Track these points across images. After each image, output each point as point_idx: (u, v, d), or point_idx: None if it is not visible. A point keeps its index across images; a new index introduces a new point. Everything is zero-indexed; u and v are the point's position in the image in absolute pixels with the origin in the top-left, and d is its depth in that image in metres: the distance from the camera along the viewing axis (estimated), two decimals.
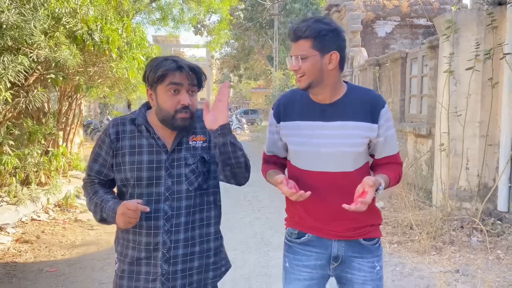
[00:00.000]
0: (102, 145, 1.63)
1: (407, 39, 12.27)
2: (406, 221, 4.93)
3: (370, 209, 1.72)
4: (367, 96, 1.69)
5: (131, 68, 5.60)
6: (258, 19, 24.99)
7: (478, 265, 3.90)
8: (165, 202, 1.58)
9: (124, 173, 1.58)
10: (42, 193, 5.65)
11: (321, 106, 1.67)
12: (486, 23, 4.83)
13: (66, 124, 7.19)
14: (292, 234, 1.80)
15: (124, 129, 1.61)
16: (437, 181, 5.37)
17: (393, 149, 1.74)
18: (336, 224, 1.69)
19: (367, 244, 1.73)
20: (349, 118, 1.64)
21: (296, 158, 1.74)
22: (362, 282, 1.71)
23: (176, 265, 1.59)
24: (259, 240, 4.79)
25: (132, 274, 1.61)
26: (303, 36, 1.57)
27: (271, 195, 7.04)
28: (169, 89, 1.52)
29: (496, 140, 4.95)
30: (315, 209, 1.69)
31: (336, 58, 1.60)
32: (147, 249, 1.58)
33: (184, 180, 1.59)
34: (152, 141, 1.59)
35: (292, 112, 1.72)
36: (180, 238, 1.59)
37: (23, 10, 3.72)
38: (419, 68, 7.11)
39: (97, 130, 16.39)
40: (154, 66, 1.54)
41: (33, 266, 3.99)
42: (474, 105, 5.00)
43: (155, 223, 1.57)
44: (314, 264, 1.74)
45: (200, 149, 1.63)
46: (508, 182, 4.79)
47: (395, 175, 1.71)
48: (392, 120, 1.76)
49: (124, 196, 1.63)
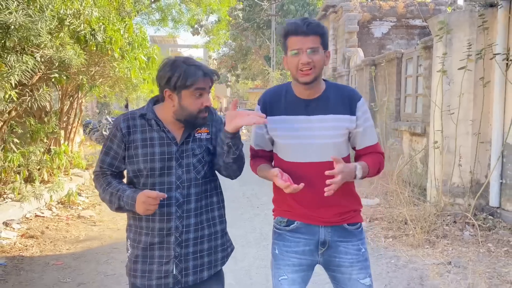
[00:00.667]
0: (113, 139, 1.74)
1: (403, 39, 12.43)
2: (401, 216, 5.08)
3: (352, 195, 1.89)
4: (344, 91, 1.85)
5: (133, 68, 5.73)
6: (256, 20, 25.13)
7: (470, 257, 4.05)
8: (176, 190, 1.71)
9: (137, 165, 1.71)
10: (45, 190, 5.77)
11: (305, 101, 1.81)
12: (478, 24, 4.99)
13: (68, 123, 7.30)
14: (281, 222, 1.91)
15: (135, 124, 1.73)
16: (431, 178, 5.52)
17: (373, 139, 1.88)
18: (323, 211, 1.82)
19: (351, 229, 1.87)
20: (329, 111, 1.79)
21: (283, 151, 1.86)
22: (350, 265, 1.84)
23: (188, 248, 1.72)
24: (258, 235, 4.93)
25: (146, 258, 1.73)
26: (314, 32, 1.71)
27: (269, 192, 7.14)
28: (195, 94, 1.66)
29: (488, 137, 5.10)
30: (304, 198, 1.81)
31: (329, 56, 1.78)
32: (160, 234, 1.71)
33: (192, 169, 1.73)
34: (162, 134, 1.72)
35: (278, 107, 1.84)
36: (191, 223, 1.73)
37: (30, 11, 3.84)
38: (414, 68, 7.27)
39: (95, 130, 16.45)
40: (181, 72, 1.64)
41: (40, 259, 4.11)
42: (467, 103, 5.15)
43: (168, 210, 1.70)
44: (303, 250, 1.86)
45: (204, 140, 1.78)
46: (499, 178, 4.95)
47: (374, 162, 1.84)
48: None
49: (136, 186, 1.75)
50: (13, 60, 4.14)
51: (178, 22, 9.35)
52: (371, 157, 1.85)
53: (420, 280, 3.65)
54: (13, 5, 3.62)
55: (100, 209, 6.10)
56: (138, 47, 5.79)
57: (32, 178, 5.86)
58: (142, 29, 6.34)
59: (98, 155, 1.82)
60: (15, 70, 4.07)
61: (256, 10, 24.85)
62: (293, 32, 1.73)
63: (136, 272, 1.74)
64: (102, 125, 16.61)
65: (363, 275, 1.84)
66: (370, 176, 1.86)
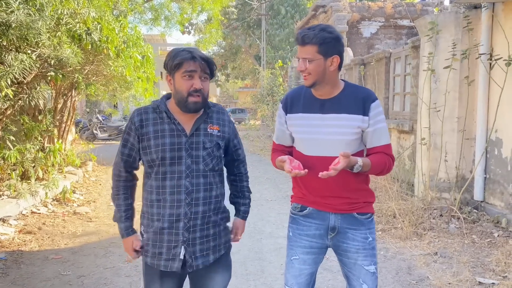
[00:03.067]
0: (130, 132, 1.89)
1: (391, 39, 12.66)
2: (390, 210, 5.26)
3: (359, 189, 2.02)
4: (360, 92, 1.99)
5: (128, 66, 5.81)
6: (246, 19, 25.24)
7: (455, 248, 4.24)
8: (186, 179, 1.84)
9: (150, 155, 1.84)
10: (41, 187, 5.83)
11: (321, 100, 1.98)
12: (463, 25, 5.18)
13: (61, 121, 7.35)
14: (296, 208, 2.09)
15: (147, 117, 1.87)
16: (419, 173, 5.72)
17: (382, 140, 1.99)
18: (333, 200, 1.98)
19: (360, 218, 2.00)
20: (342, 111, 1.94)
21: (300, 144, 2.04)
22: (356, 251, 1.99)
23: (195, 233, 1.86)
24: (252, 229, 5.06)
25: (156, 242, 1.87)
26: (310, 42, 1.87)
27: (260, 189, 7.31)
28: (184, 75, 1.80)
29: (473, 134, 5.31)
30: (315, 188, 1.99)
31: (336, 61, 1.92)
32: (170, 220, 1.83)
33: (201, 161, 1.87)
34: (173, 126, 1.85)
35: (297, 106, 2.03)
36: (199, 210, 1.85)
37: (30, 11, 3.91)
38: (402, 67, 7.47)
39: (86, 129, 16.44)
40: (172, 55, 1.82)
41: (39, 254, 4.20)
42: (453, 102, 5.35)
43: (178, 197, 1.83)
44: (314, 234, 2.03)
45: (215, 136, 1.92)
46: (483, 173, 5.16)
47: (378, 161, 1.95)
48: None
49: (151, 175, 1.88)
50: (11, 58, 4.22)
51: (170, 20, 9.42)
52: (377, 157, 1.96)
53: (408, 270, 3.82)
54: (15, 4, 3.70)
55: (96, 205, 6.18)
56: (133, 46, 5.87)
57: (28, 175, 5.92)
58: (137, 28, 6.43)
59: (117, 149, 1.99)
60: (13, 68, 4.14)
61: (247, 10, 24.96)
62: (296, 41, 1.94)
63: (147, 253, 1.90)
64: (93, 124, 16.60)
65: (367, 262, 1.98)
66: (372, 173, 1.99)
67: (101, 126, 17.08)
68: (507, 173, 4.82)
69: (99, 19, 5.16)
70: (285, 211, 5.88)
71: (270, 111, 15.89)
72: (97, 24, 5.14)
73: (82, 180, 7.60)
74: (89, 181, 7.75)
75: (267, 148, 13.46)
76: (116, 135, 16.56)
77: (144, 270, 1.95)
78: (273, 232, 4.92)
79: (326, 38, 1.87)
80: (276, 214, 5.73)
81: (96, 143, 14.84)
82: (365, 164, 1.89)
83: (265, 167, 9.88)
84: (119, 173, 1.95)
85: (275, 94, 15.35)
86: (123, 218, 1.95)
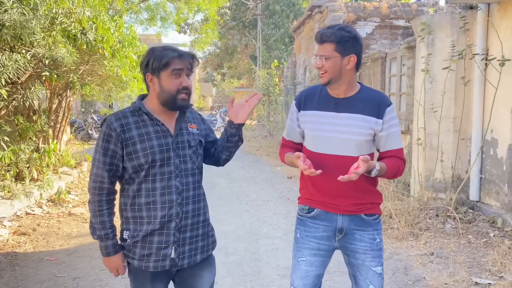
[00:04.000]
0: (109, 139, 1.78)
1: (386, 39, 12.68)
2: (386, 210, 5.26)
3: (369, 190, 2.03)
4: (376, 95, 2.01)
5: (124, 66, 5.78)
6: (242, 19, 25.22)
7: (451, 248, 4.25)
8: (175, 179, 1.82)
9: (137, 160, 1.77)
10: (35, 188, 5.79)
11: (336, 99, 1.99)
12: (459, 26, 5.19)
13: (56, 121, 7.30)
14: (303, 209, 2.09)
15: (128, 121, 1.80)
16: (415, 174, 5.72)
17: (395, 144, 2.01)
18: (340, 200, 1.98)
19: (367, 219, 2.01)
20: (356, 111, 1.95)
21: (311, 142, 2.04)
22: (364, 252, 2.00)
23: (185, 233, 1.85)
24: (248, 230, 5.05)
25: (145, 243, 1.82)
26: (328, 40, 1.90)
27: (256, 190, 7.30)
28: (172, 74, 1.78)
29: (468, 134, 5.32)
30: (323, 186, 1.99)
31: (354, 60, 1.93)
32: (162, 221, 1.80)
33: (189, 160, 1.87)
34: (157, 128, 1.82)
35: (312, 103, 2.04)
36: (189, 209, 1.85)
37: (24, 10, 3.88)
38: (398, 67, 7.48)
39: (81, 129, 16.34)
40: (157, 55, 1.79)
41: (33, 255, 4.16)
42: (448, 102, 5.36)
43: (169, 198, 1.81)
44: (322, 235, 2.03)
45: (196, 135, 1.93)
46: (479, 174, 5.17)
47: (393, 165, 1.97)
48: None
49: (135, 179, 1.81)
50: (5, 58, 4.18)
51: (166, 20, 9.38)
52: (391, 161, 1.98)
53: (404, 270, 3.82)
54: (8, 3, 3.66)
55: None
56: (128, 46, 5.84)
57: (22, 176, 5.87)
58: (132, 28, 6.39)
59: (92, 160, 1.85)
60: (7, 68, 4.10)
61: (242, 9, 24.94)
62: (315, 40, 1.97)
63: (134, 255, 1.84)
64: (88, 124, 16.51)
65: (375, 263, 1.99)
66: (386, 177, 2.01)
67: (97, 126, 16.99)
68: (503, 173, 4.83)
69: (94, 18, 5.12)
70: (281, 212, 5.87)
71: (266, 111, 15.88)
72: (92, 23, 5.10)
73: (77, 181, 7.55)
74: (84, 182, 7.70)
75: (263, 148, 13.45)
76: None
77: (133, 273, 1.89)
78: (270, 232, 4.91)
79: (344, 36, 1.89)
80: (273, 215, 5.72)
81: (92, 143, 14.75)
82: (382, 169, 1.91)
83: (261, 168, 9.85)
84: (102, 185, 1.81)
85: (271, 94, 15.34)
86: (110, 235, 1.84)
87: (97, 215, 1.82)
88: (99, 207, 1.82)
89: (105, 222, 1.83)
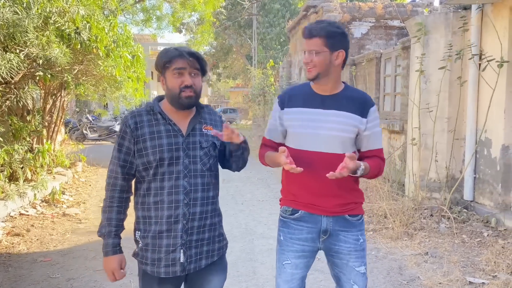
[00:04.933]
0: (124, 136, 1.84)
1: (381, 39, 12.71)
2: (381, 210, 5.28)
3: (353, 189, 2.03)
4: (360, 95, 2.03)
5: (118, 66, 5.75)
6: (237, 19, 25.20)
7: (445, 248, 4.27)
8: (184, 179, 1.82)
9: (147, 157, 1.81)
10: (29, 189, 5.75)
11: (321, 96, 1.99)
12: (453, 26, 5.22)
13: (50, 121, 7.26)
14: (286, 211, 2.06)
15: (142, 119, 1.85)
16: (409, 173, 5.75)
17: (377, 144, 2.03)
18: (325, 200, 1.96)
19: (351, 220, 2.01)
20: (342, 108, 1.95)
21: (295, 139, 2.01)
22: (348, 253, 1.99)
23: (192, 236, 1.83)
24: (244, 230, 5.05)
25: (154, 247, 1.82)
26: (318, 35, 1.89)
27: (252, 190, 7.30)
28: (174, 73, 1.80)
29: (463, 134, 5.35)
30: (308, 184, 1.96)
31: (342, 56, 1.93)
32: (168, 222, 1.80)
33: (199, 160, 1.85)
34: (168, 127, 1.84)
35: (297, 101, 2.02)
36: (196, 211, 1.83)
37: (17, 9, 3.85)
38: (393, 67, 7.50)
39: (76, 129, 16.28)
40: (161, 55, 1.83)
41: (27, 256, 4.13)
42: (443, 102, 5.38)
43: (176, 197, 1.81)
44: (306, 237, 2.01)
45: (210, 136, 1.91)
46: (473, 173, 5.20)
47: (375, 165, 1.98)
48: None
49: (145, 178, 1.83)
50: None
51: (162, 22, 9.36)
52: (374, 161, 1.99)
53: (399, 270, 3.84)
54: (1, 2, 3.63)
55: (85, 207, 6.12)
56: (123, 46, 5.82)
57: (16, 176, 5.83)
58: (127, 28, 6.37)
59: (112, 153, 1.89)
60: (0, 68, 4.07)
61: (238, 9, 24.92)
62: (303, 35, 1.95)
63: (147, 260, 1.84)
64: (83, 124, 16.45)
65: (358, 263, 1.99)
66: (368, 177, 2.01)
67: (91, 126, 16.94)
68: (497, 173, 4.86)
69: (88, 18, 5.10)
70: (276, 212, 5.84)
71: (262, 111, 15.88)
72: (86, 23, 5.07)
73: (71, 181, 7.51)
74: (78, 182, 7.67)
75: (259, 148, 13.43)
76: (106, 135, 16.40)
77: (142, 279, 1.89)
78: (265, 232, 4.90)
79: (333, 31, 1.90)
80: (268, 215, 5.72)
81: (86, 143, 14.71)
82: (366, 168, 1.91)
83: (257, 168, 9.83)
84: (115, 182, 1.86)
85: (267, 94, 15.34)
86: (113, 233, 1.84)
87: (106, 211, 1.86)
88: (110, 203, 1.86)
89: (111, 219, 1.85)
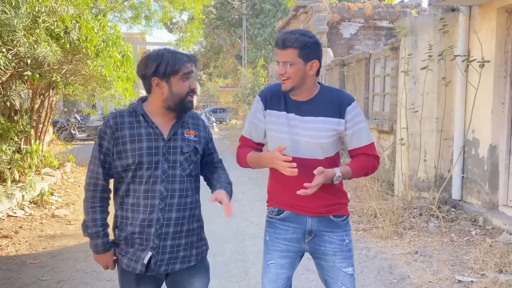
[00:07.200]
0: (104, 136, 1.82)
1: (370, 40, 12.83)
2: (371, 210, 5.32)
3: (337, 190, 2.03)
4: (336, 95, 2.01)
5: (108, 65, 5.71)
6: (227, 18, 25.17)
7: (435, 247, 4.32)
8: (161, 184, 1.80)
9: (126, 160, 1.79)
10: (17, 190, 5.68)
11: (299, 102, 1.98)
12: (439, 28, 5.28)
13: (39, 121, 7.17)
14: (273, 211, 2.08)
15: (123, 121, 1.82)
16: (398, 173, 5.80)
17: (363, 141, 2.01)
18: (309, 201, 1.97)
19: (336, 220, 2.02)
20: (319, 114, 1.95)
21: (275, 143, 2.00)
22: (333, 254, 2.00)
23: (166, 241, 1.81)
24: (235, 230, 5.05)
25: (127, 242, 1.84)
26: (291, 46, 1.86)
27: (243, 190, 7.30)
28: (183, 78, 1.79)
29: (451, 134, 5.42)
30: (292, 188, 1.94)
31: (316, 66, 1.92)
32: (142, 225, 1.79)
33: (178, 166, 1.83)
34: (150, 130, 1.82)
35: (278, 103, 2.01)
36: (172, 217, 1.81)
37: (5, 8, 3.80)
38: (382, 68, 7.57)
39: (64, 129, 16.12)
40: (168, 61, 1.76)
41: (16, 258, 4.08)
42: (431, 102, 5.45)
43: (152, 202, 1.79)
44: (291, 237, 2.02)
45: (192, 141, 1.89)
46: (461, 173, 5.27)
47: (361, 165, 1.98)
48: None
49: (124, 179, 1.82)
50: None
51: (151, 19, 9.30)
52: (360, 160, 1.99)
53: (389, 269, 3.88)
54: None
55: (75, 208, 6.06)
56: (112, 45, 5.78)
57: (3, 177, 5.75)
58: (117, 28, 6.32)
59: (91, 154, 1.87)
60: None
61: (228, 9, 24.89)
62: (275, 45, 1.93)
63: (121, 252, 1.86)
64: (71, 124, 16.30)
65: (345, 264, 1.99)
66: (357, 177, 2.01)
67: (79, 126, 16.79)
68: (484, 173, 4.93)
69: (78, 17, 5.05)
70: None
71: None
72: (76, 23, 5.03)
73: (60, 182, 7.44)
74: (67, 183, 7.59)
75: None
76: (95, 135, 16.25)
77: (120, 273, 1.90)
78: (256, 233, 4.91)
79: (307, 42, 1.87)
80: (259, 214, 5.72)
81: (75, 143, 14.55)
82: (346, 172, 1.92)
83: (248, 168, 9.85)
84: (97, 182, 1.83)
85: (257, 93, 15.34)
86: (101, 233, 1.84)
87: (90, 212, 1.84)
88: (92, 203, 1.84)
89: (96, 219, 1.84)
